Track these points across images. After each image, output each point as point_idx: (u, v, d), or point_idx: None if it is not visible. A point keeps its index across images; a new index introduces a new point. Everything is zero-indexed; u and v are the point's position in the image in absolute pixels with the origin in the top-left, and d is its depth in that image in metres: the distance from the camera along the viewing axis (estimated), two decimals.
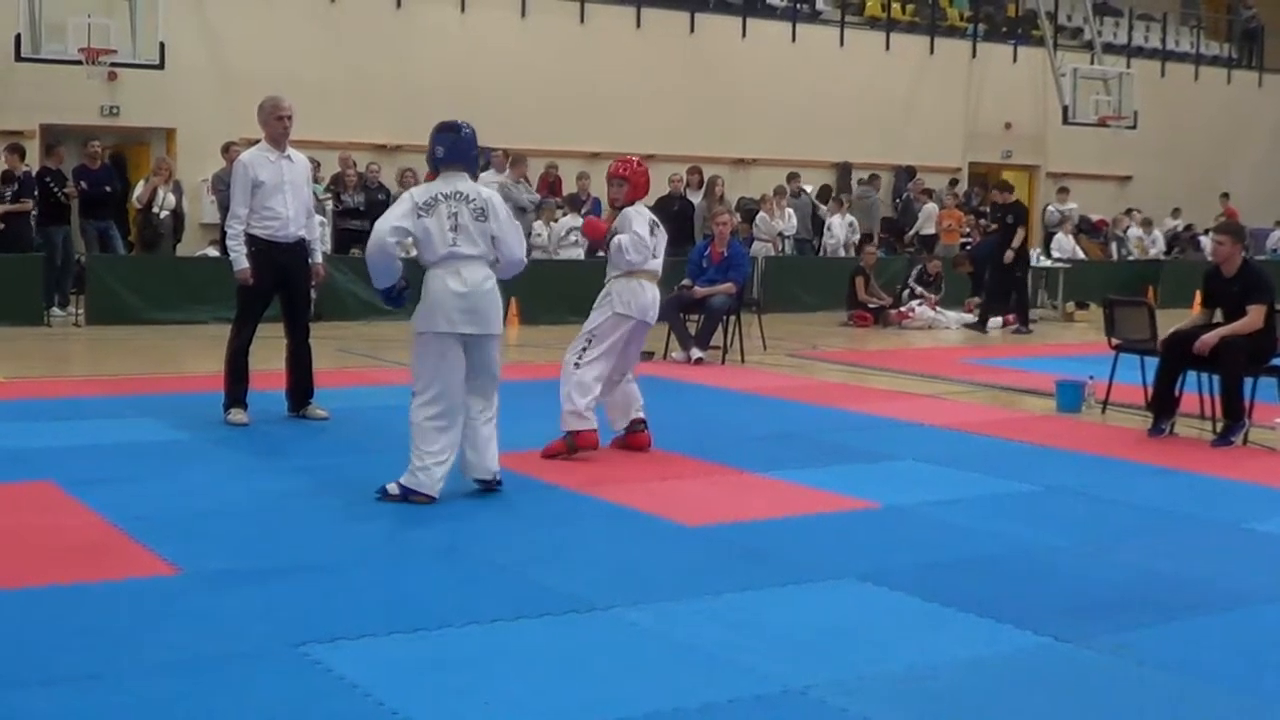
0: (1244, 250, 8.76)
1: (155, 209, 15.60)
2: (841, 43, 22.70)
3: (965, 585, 5.16)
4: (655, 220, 7.88)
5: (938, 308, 16.96)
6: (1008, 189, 17.57)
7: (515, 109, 18.71)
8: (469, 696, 3.94)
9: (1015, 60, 24.28)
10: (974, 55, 23.90)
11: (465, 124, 6.53)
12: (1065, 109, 22.92)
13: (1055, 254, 20.19)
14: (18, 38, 15.95)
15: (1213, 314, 8.77)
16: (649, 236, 7.66)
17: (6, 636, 4.34)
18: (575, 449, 7.44)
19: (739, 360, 12.45)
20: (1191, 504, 6.87)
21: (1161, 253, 22.58)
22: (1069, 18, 25.81)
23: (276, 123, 8.35)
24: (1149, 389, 8.87)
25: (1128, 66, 24.46)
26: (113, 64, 16.62)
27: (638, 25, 20.88)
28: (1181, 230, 23.89)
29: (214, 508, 6.22)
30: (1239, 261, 8.63)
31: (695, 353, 12.30)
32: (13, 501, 6.27)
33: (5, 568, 5.14)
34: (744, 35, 21.70)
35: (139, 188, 15.81)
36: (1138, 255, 22.31)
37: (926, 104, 23.10)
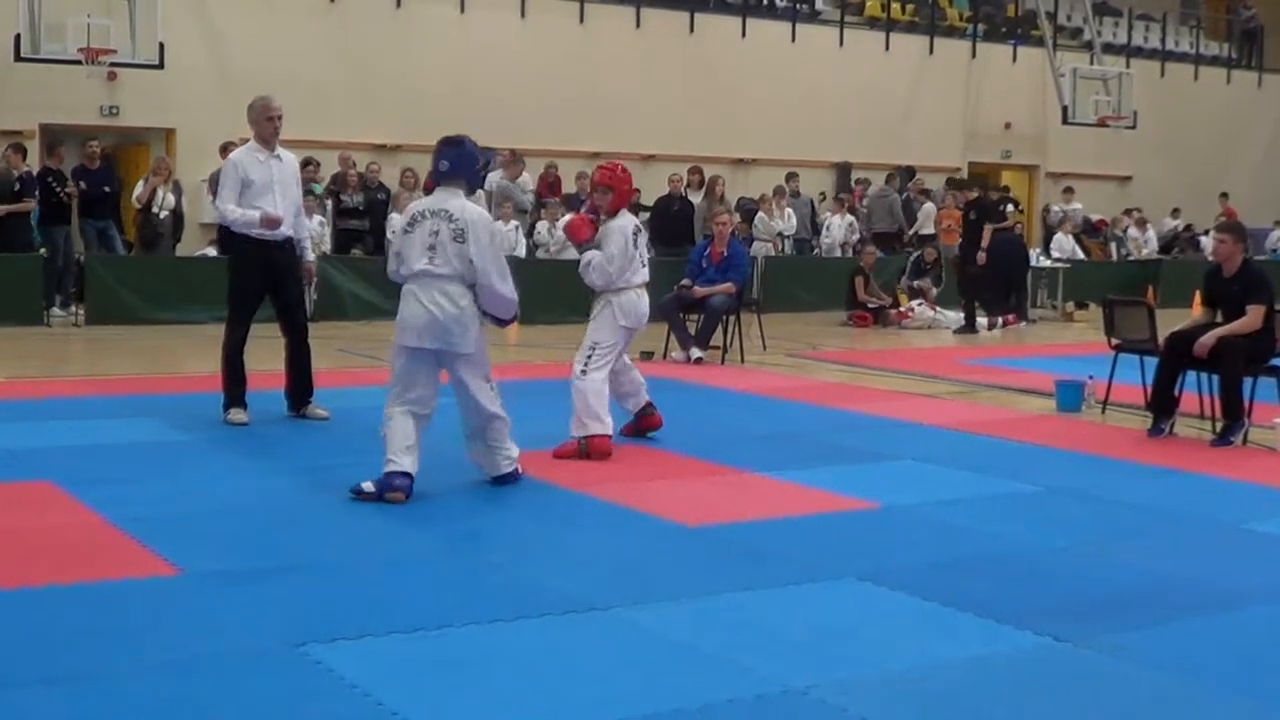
0: (1245, 250, 8.76)
1: (155, 209, 15.60)
2: (841, 43, 22.69)
3: (965, 585, 5.16)
4: (639, 226, 7.91)
5: (937, 308, 16.95)
6: (968, 186, 17.58)
7: (515, 109, 18.70)
8: (469, 696, 3.94)
9: (1015, 60, 24.28)
10: (974, 55, 23.89)
11: (469, 138, 6.65)
12: (1065, 109, 22.90)
13: (1055, 254, 20.18)
14: (17, 37, 15.93)
15: (1214, 314, 8.76)
16: (624, 254, 7.62)
17: (6, 636, 4.33)
18: (589, 454, 7.46)
19: (739, 360, 12.44)
20: (1191, 504, 6.86)
21: (1154, 252, 22.55)
22: (1068, 18, 25.81)
23: (267, 123, 8.37)
24: (1148, 389, 8.87)
25: (1127, 66, 24.44)
26: (112, 64, 16.60)
27: (637, 25, 20.87)
28: (1181, 230, 23.89)
29: (214, 507, 6.22)
30: (1239, 261, 8.62)
31: (695, 353, 12.29)
32: (12, 501, 6.26)
33: (4, 568, 5.13)
34: (744, 35, 21.69)
35: (138, 187, 15.80)
36: (1135, 255, 22.31)
37: (926, 104, 23.10)
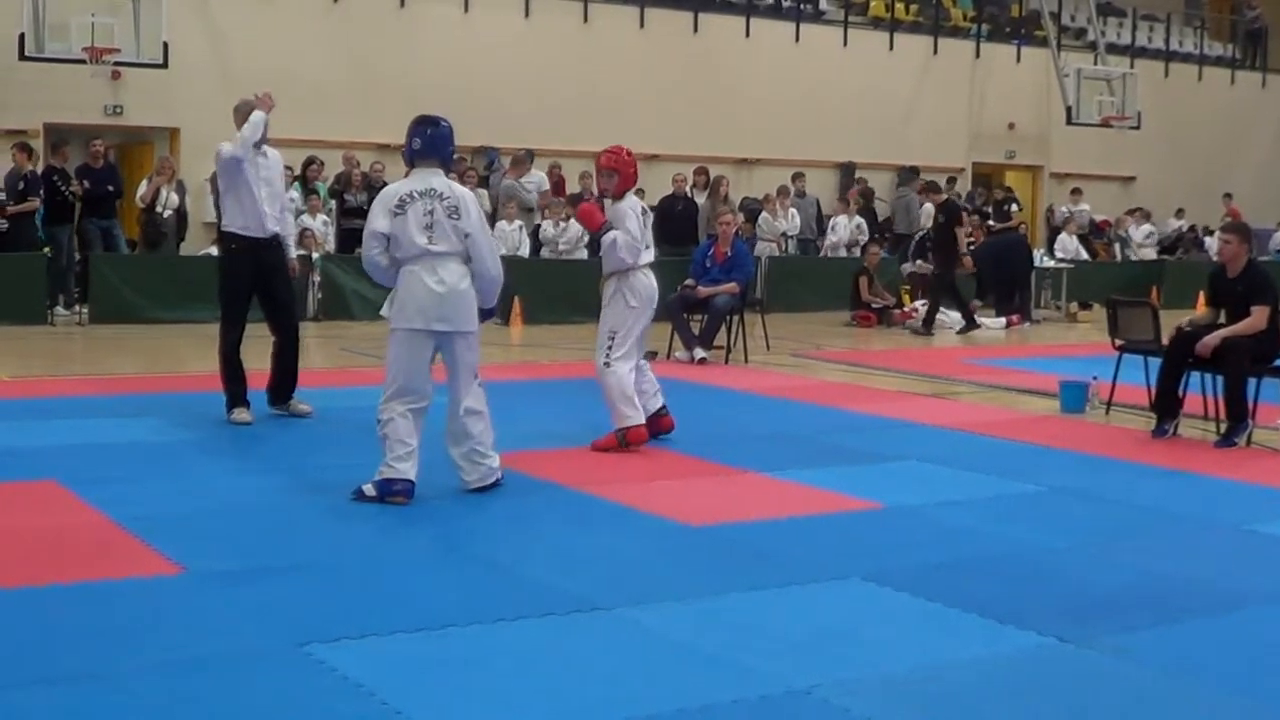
0: (1249, 250, 8.75)
1: (159, 208, 15.61)
2: (845, 43, 22.66)
3: (968, 586, 5.16)
4: (645, 207, 8.01)
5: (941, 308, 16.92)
6: (935, 189, 17.58)
7: (518, 108, 18.69)
8: (472, 696, 3.94)
9: (1019, 60, 24.23)
10: (977, 55, 23.85)
11: (443, 119, 6.56)
12: (1069, 109, 22.86)
13: (1059, 254, 20.16)
14: (21, 37, 15.92)
15: (1218, 314, 8.75)
16: (641, 232, 7.75)
17: (6, 636, 4.33)
18: (627, 444, 7.55)
19: (742, 360, 12.43)
20: (1194, 505, 6.86)
21: (1150, 248, 22.50)
22: (1072, 18, 25.77)
23: None
24: (1152, 390, 8.86)
25: (1131, 67, 24.39)
26: (116, 63, 16.58)
27: (641, 25, 20.85)
28: (1185, 231, 23.86)
29: (216, 507, 6.22)
30: (1244, 262, 8.61)
31: (699, 352, 12.29)
32: (14, 500, 6.27)
33: (7, 566, 5.13)
34: (747, 35, 21.66)
35: (142, 186, 15.80)
36: (1135, 255, 22.27)
37: (930, 104, 23.07)
